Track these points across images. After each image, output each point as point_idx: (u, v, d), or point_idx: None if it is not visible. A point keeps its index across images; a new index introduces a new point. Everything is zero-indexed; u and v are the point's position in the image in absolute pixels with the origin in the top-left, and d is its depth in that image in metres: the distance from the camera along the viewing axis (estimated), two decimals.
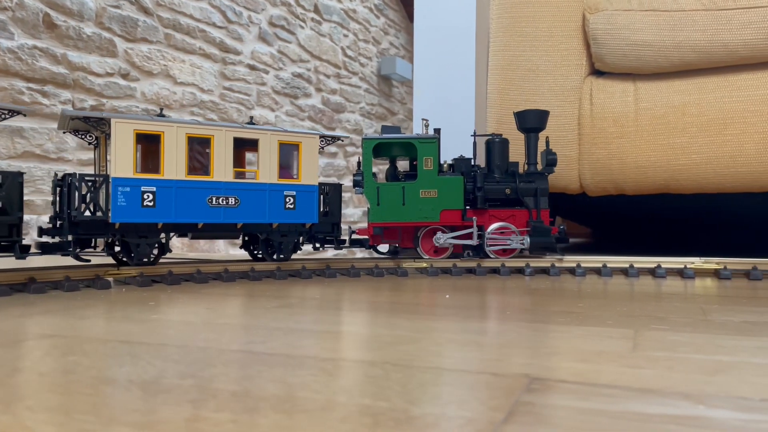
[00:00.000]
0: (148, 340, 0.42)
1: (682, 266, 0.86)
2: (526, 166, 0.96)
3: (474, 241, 0.93)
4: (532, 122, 0.95)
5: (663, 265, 0.86)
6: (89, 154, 1.56)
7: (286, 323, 0.50)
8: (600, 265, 0.89)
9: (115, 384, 0.31)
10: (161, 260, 0.85)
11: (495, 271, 0.91)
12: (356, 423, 0.25)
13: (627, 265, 0.88)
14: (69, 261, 0.78)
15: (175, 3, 1.85)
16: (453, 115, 1.47)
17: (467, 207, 0.94)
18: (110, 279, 0.74)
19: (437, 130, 0.95)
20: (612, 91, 1.08)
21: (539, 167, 0.96)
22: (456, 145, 1.04)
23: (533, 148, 0.96)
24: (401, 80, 3.26)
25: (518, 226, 0.94)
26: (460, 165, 0.95)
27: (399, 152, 0.98)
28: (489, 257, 0.93)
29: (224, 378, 0.32)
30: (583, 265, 0.89)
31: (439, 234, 0.94)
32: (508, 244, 0.93)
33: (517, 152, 1.03)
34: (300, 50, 2.46)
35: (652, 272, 0.87)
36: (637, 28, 1.02)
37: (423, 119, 0.98)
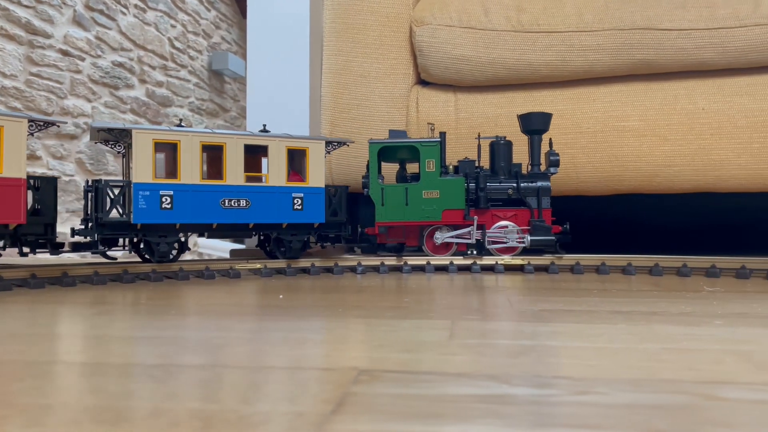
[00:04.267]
0: None
1: (494, 263, 0.95)
2: (529, 167, 1.00)
3: (472, 239, 0.96)
4: (536, 124, 0.98)
5: (478, 263, 0.95)
6: None
7: (106, 330, 0.47)
8: (424, 263, 0.95)
9: None
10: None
11: (328, 270, 0.93)
12: (186, 427, 0.25)
13: (447, 263, 0.95)
14: None
15: None
16: (287, 114, 1.47)
17: (470, 207, 0.97)
18: None
19: (443, 134, 0.97)
20: (436, 101, 1.15)
21: (542, 168, 1.00)
22: None
23: (536, 150, 0.99)
24: (234, 76, 3.18)
25: (520, 226, 0.97)
26: (464, 166, 0.98)
27: (404, 155, 1.00)
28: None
29: (35, 392, 0.30)
30: (409, 263, 0.95)
31: (437, 234, 0.97)
32: (507, 241, 0.97)
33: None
34: (121, 38, 2.29)
35: (469, 269, 0.95)
36: (457, 44, 1.11)
37: (429, 123, 1.01)
